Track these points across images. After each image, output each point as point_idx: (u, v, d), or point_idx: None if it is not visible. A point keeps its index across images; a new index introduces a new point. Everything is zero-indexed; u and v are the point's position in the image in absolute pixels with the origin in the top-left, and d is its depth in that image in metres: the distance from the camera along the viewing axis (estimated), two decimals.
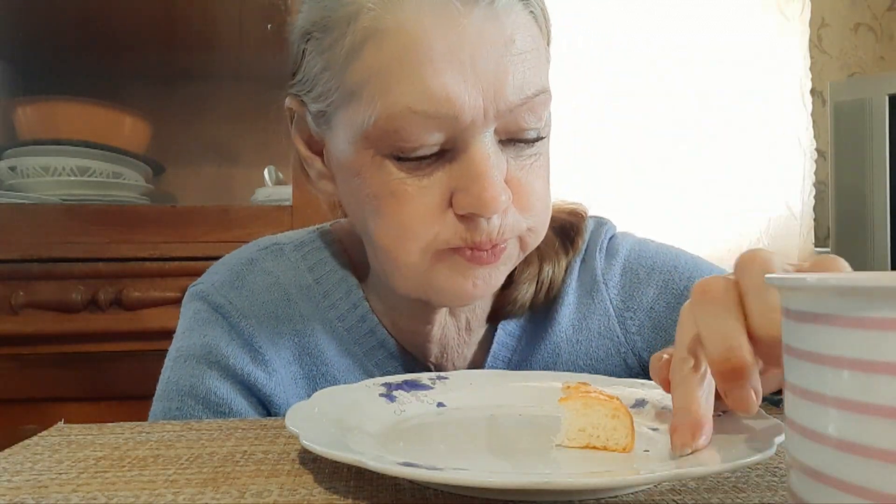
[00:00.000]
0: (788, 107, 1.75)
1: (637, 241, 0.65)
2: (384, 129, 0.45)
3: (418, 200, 0.46)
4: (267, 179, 1.36)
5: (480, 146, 0.45)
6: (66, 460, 0.41)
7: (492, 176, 0.45)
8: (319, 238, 0.62)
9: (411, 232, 0.47)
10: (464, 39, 0.43)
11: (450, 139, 0.45)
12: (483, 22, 0.43)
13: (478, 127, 0.45)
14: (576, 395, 0.41)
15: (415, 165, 0.46)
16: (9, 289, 1.11)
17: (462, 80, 0.43)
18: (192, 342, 0.57)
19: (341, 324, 0.58)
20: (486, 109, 0.44)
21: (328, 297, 0.58)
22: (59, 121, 1.31)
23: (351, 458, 0.33)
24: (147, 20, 1.39)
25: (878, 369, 0.21)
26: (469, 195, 0.45)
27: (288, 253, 0.61)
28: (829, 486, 0.22)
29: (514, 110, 0.45)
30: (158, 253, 1.15)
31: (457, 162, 0.46)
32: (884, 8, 1.95)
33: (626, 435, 0.39)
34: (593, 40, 1.71)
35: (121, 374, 1.14)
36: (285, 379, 0.57)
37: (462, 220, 0.47)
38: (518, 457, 0.40)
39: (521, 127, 0.47)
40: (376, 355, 0.58)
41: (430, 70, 0.43)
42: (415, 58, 0.43)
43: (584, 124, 1.69)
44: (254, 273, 0.59)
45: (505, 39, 0.44)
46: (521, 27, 0.45)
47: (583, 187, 1.67)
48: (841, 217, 1.55)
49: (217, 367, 0.56)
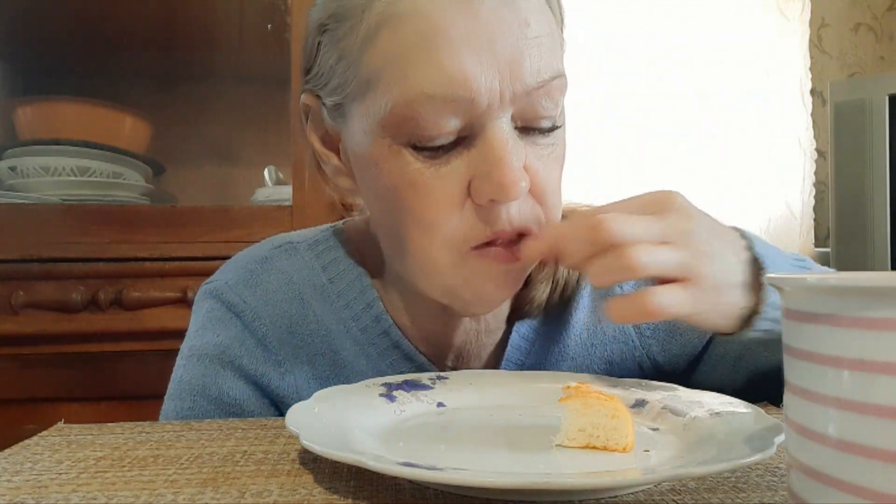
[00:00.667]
0: (788, 107, 1.75)
1: None
2: (401, 115, 0.44)
3: (437, 190, 0.46)
4: (267, 179, 1.36)
5: (498, 131, 0.44)
6: (66, 460, 0.41)
7: (510, 160, 0.44)
8: (333, 237, 0.61)
9: (433, 224, 0.46)
10: (480, 22, 0.43)
11: (467, 125, 0.45)
12: (498, 5, 0.43)
13: (494, 111, 0.44)
14: (576, 395, 0.41)
15: (432, 154, 0.45)
16: (9, 289, 1.11)
17: (478, 62, 0.43)
18: (206, 341, 0.57)
19: (355, 324, 0.57)
20: (503, 92, 0.44)
21: (342, 296, 0.58)
22: (59, 121, 1.30)
23: (351, 458, 0.33)
24: (147, 20, 1.39)
25: (877, 369, 0.21)
26: (488, 181, 0.44)
27: (302, 252, 0.60)
28: (829, 486, 0.22)
29: (531, 94, 0.45)
30: (158, 253, 1.15)
31: (475, 149, 0.45)
32: (884, 8, 1.95)
33: (627, 435, 0.39)
34: (593, 40, 1.71)
35: (121, 374, 1.14)
36: (298, 380, 0.57)
37: (481, 210, 0.46)
38: (518, 457, 0.40)
39: (537, 113, 0.46)
40: (390, 356, 0.58)
41: (447, 53, 0.43)
42: (431, 41, 0.43)
43: (584, 124, 1.69)
44: (268, 272, 0.59)
45: (520, 22, 0.44)
46: (535, 11, 0.45)
47: (582, 187, 1.67)
48: (841, 217, 1.55)
49: (230, 367, 0.55)
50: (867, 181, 1.50)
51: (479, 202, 0.46)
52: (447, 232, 0.46)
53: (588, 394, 0.41)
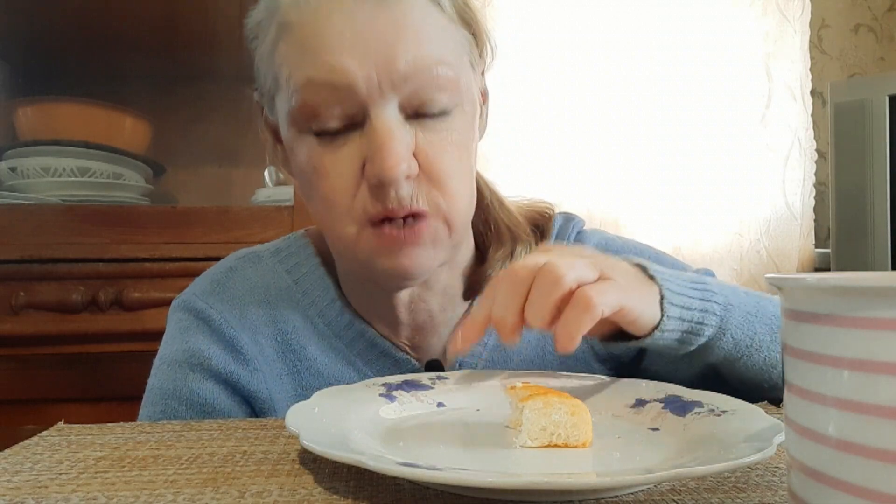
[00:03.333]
0: (788, 107, 1.75)
1: (605, 235, 0.69)
2: (297, 104, 0.51)
3: (334, 173, 0.51)
4: (267, 180, 1.36)
5: (382, 117, 0.50)
6: (66, 460, 0.41)
7: (392, 145, 0.49)
8: (295, 242, 0.66)
9: (334, 204, 0.52)
10: (356, 24, 0.49)
11: (357, 112, 0.50)
12: (374, 8, 0.49)
13: (375, 98, 0.49)
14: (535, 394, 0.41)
15: (329, 140, 0.51)
16: (9, 289, 1.11)
17: (353, 55, 0.49)
18: (175, 349, 0.60)
19: (321, 319, 0.61)
20: (381, 81, 0.49)
21: (307, 295, 0.62)
22: (59, 121, 1.30)
23: (351, 458, 0.33)
24: (147, 21, 1.39)
25: (877, 369, 0.21)
26: (373, 164, 0.49)
27: (266, 259, 0.65)
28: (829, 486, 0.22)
29: (411, 80, 0.50)
30: (158, 253, 1.15)
31: (364, 134, 0.51)
32: (884, 8, 1.95)
33: (586, 431, 0.41)
34: (594, 39, 1.71)
35: (121, 375, 1.14)
36: (268, 376, 0.60)
37: (373, 190, 0.50)
38: (518, 457, 0.40)
39: (423, 100, 0.51)
40: (357, 345, 0.61)
41: (327, 49, 0.49)
42: (315, 42, 0.50)
43: (583, 125, 1.69)
44: (233, 279, 0.63)
45: (395, 20, 0.49)
46: (414, 9, 0.50)
47: (582, 188, 1.67)
48: (841, 217, 1.55)
49: (199, 369, 0.58)
50: (867, 181, 1.50)
51: (369, 182, 0.50)
52: (348, 208, 0.52)
53: (547, 392, 0.42)
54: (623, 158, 1.71)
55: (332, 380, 0.60)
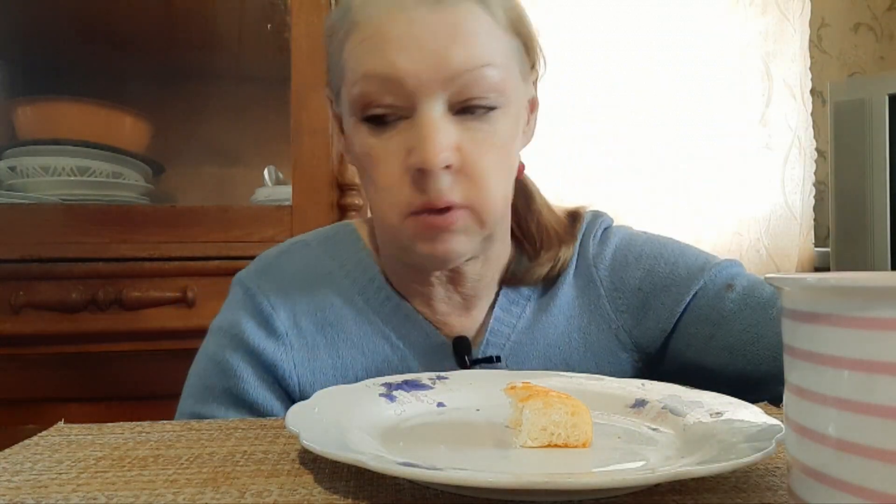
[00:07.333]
0: (788, 106, 1.75)
1: (630, 232, 0.73)
2: (356, 94, 0.56)
3: (384, 160, 0.56)
4: (267, 179, 1.36)
5: (428, 111, 0.54)
6: (66, 460, 0.41)
7: (435, 136, 0.53)
8: (342, 230, 0.72)
9: (384, 188, 0.56)
10: (413, 25, 0.53)
11: (406, 106, 0.54)
12: (429, 13, 0.54)
13: (424, 93, 0.53)
14: (536, 394, 0.41)
15: (380, 129, 0.56)
16: (9, 289, 1.11)
17: (408, 53, 0.53)
18: (224, 317, 0.67)
19: (361, 296, 0.66)
20: (431, 78, 0.53)
21: (349, 275, 0.67)
22: (59, 121, 1.30)
23: (351, 458, 0.33)
24: (147, 20, 1.39)
25: (877, 369, 0.21)
26: (416, 153, 0.53)
27: (314, 247, 0.70)
28: (829, 486, 0.22)
29: (459, 79, 0.53)
30: (158, 253, 1.15)
31: (412, 126, 0.55)
32: (884, 8, 1.95)
33: (586, 431, 0.41)
34: (593, 40, 1.71)
35: (121, 374, 1.14)
36: (301, 351, 0.65)
37: (416, 181, 0.54)
38: (518, 456, 0.40)
39: (468, 96, 0.54)
40: (393, 319, 0.66)
41: (384, 47, 0.54)
42: (375, 40, 0.55)
43: (583, 124, 1.70)
44: (282, 262, 0.69)
45: (448, 25, 0.53)
46: (466, 15, 0.54)
47: (582, 188, 1.67)
48: (841, 217, 1.55)
49: (235, 339, 0.64)
50: (867, 181, 1.50)
51: (411, 170, 0.54)
52: (393, 196, 0.56)
53: (547, 392, 0.42)
54: (622, 157, 1.71)
55: (365, 350, 0.65)
